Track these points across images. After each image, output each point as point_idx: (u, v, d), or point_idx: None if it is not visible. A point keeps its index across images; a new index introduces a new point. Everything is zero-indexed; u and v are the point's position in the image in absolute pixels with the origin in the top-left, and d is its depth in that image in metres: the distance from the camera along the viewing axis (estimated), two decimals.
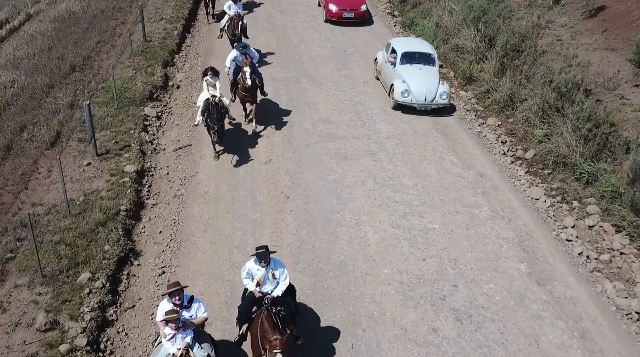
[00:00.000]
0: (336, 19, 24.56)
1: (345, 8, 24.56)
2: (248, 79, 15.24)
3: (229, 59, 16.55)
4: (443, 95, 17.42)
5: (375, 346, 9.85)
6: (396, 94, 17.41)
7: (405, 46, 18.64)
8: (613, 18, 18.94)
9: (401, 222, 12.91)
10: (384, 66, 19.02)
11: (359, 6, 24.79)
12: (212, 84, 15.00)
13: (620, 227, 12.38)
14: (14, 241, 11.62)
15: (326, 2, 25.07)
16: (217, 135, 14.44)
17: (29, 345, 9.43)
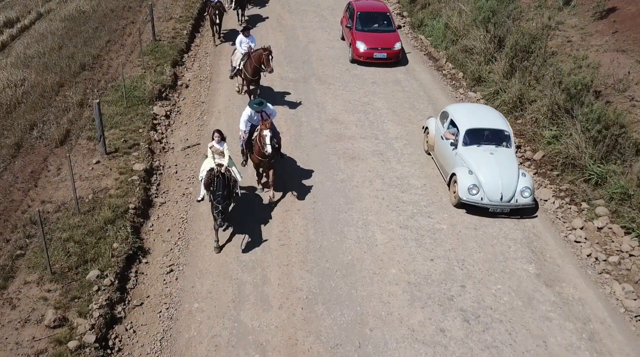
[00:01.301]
0: (365, 59, 20.65)
1: (376, 47, 20.67)
2: (268, 146, 12.42)
3: (242, 121, 13.42)
4: (525, 192, 12.91)
5: (382, 346, 9.85)
6: (461, 190, 12.94)
7: (469, 119, 14.16)
8: (624, 19, 18.85)
9: (409, 222, 12.90)
10: (438, 142, 14.69)
11: (392, 44, 20.90)
12: (218, 152, 12.34)
13: (629, 229, 12.31)
14: (23, 238, 11.71)
15: (352, 38, 21.12)
16: (220, 217, 11.26)
17: (38, 341, 9.49)
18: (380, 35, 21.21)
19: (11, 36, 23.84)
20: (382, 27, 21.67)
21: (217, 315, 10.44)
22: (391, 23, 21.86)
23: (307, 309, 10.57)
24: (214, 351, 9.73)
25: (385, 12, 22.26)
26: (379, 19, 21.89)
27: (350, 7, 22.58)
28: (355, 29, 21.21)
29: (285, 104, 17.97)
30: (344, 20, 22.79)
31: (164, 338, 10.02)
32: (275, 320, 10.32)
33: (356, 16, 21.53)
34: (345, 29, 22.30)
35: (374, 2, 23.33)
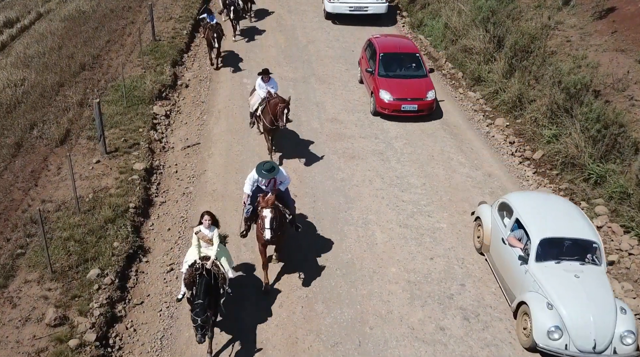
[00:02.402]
0: (390, 112, 17.02)
1: (404, 97, 16.98)
2: (267, 231, 10.09)
3: (247, 185, 11.05)
4: (628, 337, 9.38)
5: (382, 344, 9.87)
6: (537, 332, 9.46)
7: (542, 222, 10.42)
8: (623, 19, 18.89)
9: (409, 221, 12.93)
10: (498, 246, 11.09)
11: (424, 93, 17.14)
12: (206, 239, 9.81)
13: (628, 228, 12.34)
14: (24, 237, 11.74)
15: (374, 86, 17.40)
16: (200, 333, 8.89)
17: (38, 340, 9.51)
18: (408, 82, 17.62)
19: (11, 36, 23.87)
20: (410, 71, 18.11)
21: None
22: (422, 66, 18.21)
23: (307, 308, 10.60)
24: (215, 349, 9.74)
25: (414, 52, 18.56)
26: (406, 61, 18.30)
27: (370, 46, 18.98)
28: (378, 74, 17.61)
29: None
30: (363, 61, 19.19)
31: (165, 337, 10.05)
32: (275, 318, 10.35)
33: (379, 58, 17.94)
34: (365, 74, 18.59)
35: (399, 39, 20.22)
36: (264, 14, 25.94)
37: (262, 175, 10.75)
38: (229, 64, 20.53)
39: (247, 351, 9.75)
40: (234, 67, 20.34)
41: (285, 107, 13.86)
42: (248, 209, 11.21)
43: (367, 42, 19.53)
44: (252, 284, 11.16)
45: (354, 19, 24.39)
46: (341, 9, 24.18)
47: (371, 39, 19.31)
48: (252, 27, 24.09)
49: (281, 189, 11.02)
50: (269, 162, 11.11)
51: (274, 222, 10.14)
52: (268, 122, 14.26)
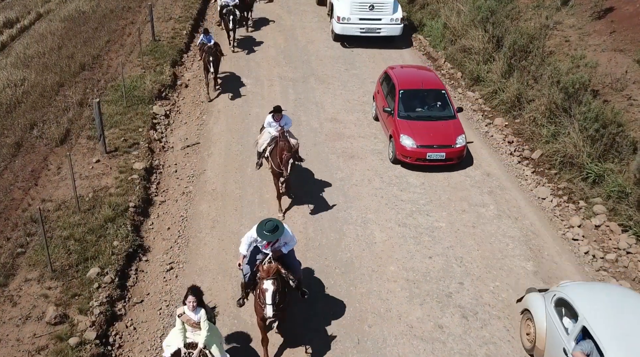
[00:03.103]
0: (414, 161, 14.58)
1: (430, 144, 14.56)
2: (268, 307, 8.64)
3: (244, 245, 9.50)
4: None
5: (381, 342, 9.92)
6: None
7: (621, 336, 7.90)
8: (622, 19, 18.93)
9: (408, 220, 12.97)
10: (555, 355, 8.83)
11: (452, 138, 14.74)
12: (192, 323, 8.33)
13: (626, 227, 12.39)
14: (24, 236, 11.77)
15: (394, 129, 15.05)
16: None
17: (39, 338, 9.55)
18: (434, 125, 15.10)
19: (11, 36, 23.90)
20: (436, 111, 15.65)
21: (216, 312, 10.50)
22: (448, 105, 15.70)
23: (306, 307, 10.62)
24: None
25: (440, 88, 15.99)
26: (430, 99, 15.84)
27: (387, 80, 16.54)
28: (399, 115, 15.20)
29: (285, 104, 18.02)
30: (378, 97, 16.76)
31: (164, 335, 10.01)
32: None
33: (398, 96, 15.51)
34: (382, 113, 16.17)
35: (420, 71, 17.51)
36: (263, 15, 25.97)
37: (263, 237, 9.03)
38: (229, 63, 20.57)
39: (246, 349, 9.79)
40: (234, 67, 20.38)
41: (290, 157, 12.01)
42: (246, 274, 9.54)
43: (383, 74, 16.99)
44: None
45: (365, 41, 22.44)
46: (351, 30, 22.05)
47: (388, 71, 16.82)
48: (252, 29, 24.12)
49: (284, 251, 9.40)
50: (272, 220, 9.13)
51: (276, 296, 8.61)
52: (276, 165, 12.48)
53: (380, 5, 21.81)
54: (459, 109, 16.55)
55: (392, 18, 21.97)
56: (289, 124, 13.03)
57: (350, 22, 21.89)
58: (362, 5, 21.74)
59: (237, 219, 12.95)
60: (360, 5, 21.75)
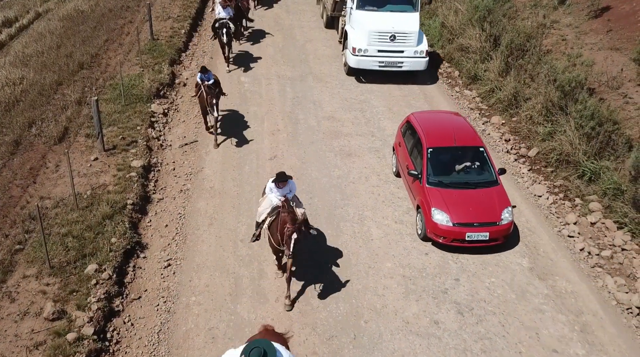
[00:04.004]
0: (449, 241, 11.89)
1: (469, 222, 11.85)
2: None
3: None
4: None
5: (377, 338, 9.98)
6: None
7: None
8: (618, 18, 19.01)
9: (404, 217, 13.03)
10: None
11: (497, 213, 11.96)
12: None
13: (622, 224, 12.46)
14: (22, 233, 11.82)
15: (423, 200, 12.30)
16: None
17: (37, 334, 9.60)
18: (473, 194, 12.29)
19: (10, 35, 23.95)
20: (473, 175, 12.77)
21: (214, 308, 10.57)
22: (488, 166, 12.85)
23: (303, 302, 10.71)
24: (211, 343, 9.86)
25: (478, 145, 13.05)
26: (465, 158, 12.88)
27: (411, 131, 13.75)
28: (428, 181, 12.43)
29: (283, 102, 18.10)
30: (400, 151, 14.00)
31: (162, 331, 10.15)
32: (271, 313, 10.45)
33: (426, 156, 12.67)
34: (406, 175, 13.44)
35: (450, 119, 14.43)
36: (262, 14, 26.02)
37: None
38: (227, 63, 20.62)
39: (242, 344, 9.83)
40: (232, 65, 20.43)
41: (294, 231, 9.89)
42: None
43: (405, 122, 14.30)
44: (248, 275, 11.26)
45: (384, 76, 19.69)
46: (368, 64, 19.02)
47: (411, 119, 14.04)
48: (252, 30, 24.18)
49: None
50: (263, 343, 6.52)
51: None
52: (275, 241, 10.52)
53: (403, 36, 18.81)
54: (501, 170, 12.88)
55: (417, 50, 18.96)
56: (293, 191, 11.09)
57: (368, 54, 18.90)
58: (382, 35, 18.76)
59: (235, 216, 13.01)
60: (379, 36, 18.76)
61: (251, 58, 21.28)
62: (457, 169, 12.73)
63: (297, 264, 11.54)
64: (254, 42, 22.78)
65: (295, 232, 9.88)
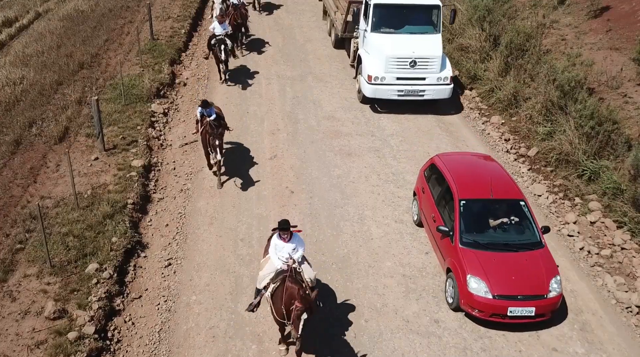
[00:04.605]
0: (487, 316, 10.13)
1: (512, 294, 10.02)
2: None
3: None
4: None
5: (377, 336, 10.01)
6: None
7: None
8: (617, 18, 19.04)
9: (404, 216, 13.06)
10: None
11: (545, 283, 10.15)
12: None
13: (621, 223, 12.49)
14: (23, 233, 11.85)
15: (456, 263, 10.48)
16: None
17: (38, 332, 9.63)
18: (514, 258, 10.43)
19: (10, 35, 23.95)
20: (513, 234, 10.88)
21: (214, 307, 10.59)
22: (531, 223, 10.97)
23: None
24: (212, 342, 9.88)
25: (518, 197, 11.22)
26: (503, 213, 11.01)
27: (437, 176, 12.02)
28: (461, 241, 10.58)
29: (283, 102, 18.13)
30: (424, 198, 12.29)
31: (162, 330, 10.17)
32: None
33: (459, 210, 10.85)
34: (433, 232, 11.53)
35: (483, 163, 12.64)
36: (262, 14, 26.03)
37: None
38: None
39: (244, 343, 9.88)
40: (232, 65, 20.44)
41: (304, 310, 8.27)
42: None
43: (429, 164, 12.53)
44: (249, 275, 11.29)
45: (403, 105, 17.63)
46: (386, 93, 17.03)
47: (437, 163, 12.22)
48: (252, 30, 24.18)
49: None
50: None
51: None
52: (278, 314, 8.96)
53: (425, 61, 16.92)
54: (544, 229, 10.93)
55: (440, 77, 17.03)
56: (301, 250, 9.50)
57: (386, 82, 16.94)
58: (401, 61, 16.84)
59: (235, 215, 13.04)
60: (398, 62, 16.84)
61: (251, 58, 21.30)
62: (491, 225, 10.91)
63: None
64: (253, 42, 22.79)
65: (305, 311, 8.25)
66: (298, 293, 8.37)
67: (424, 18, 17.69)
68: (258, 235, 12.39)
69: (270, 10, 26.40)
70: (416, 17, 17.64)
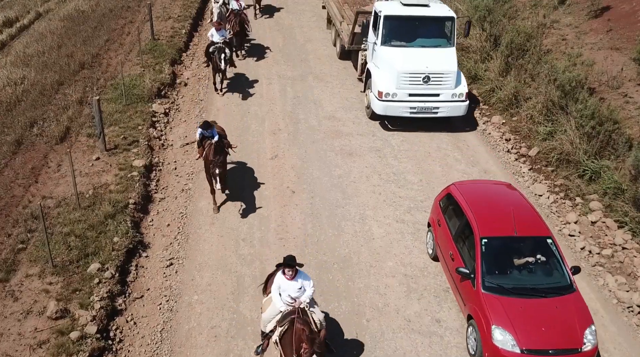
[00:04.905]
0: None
1: (543, 348, 8.96)
2: None
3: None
4: None
5: (379, 336, 10.02)
6: None
7: None
8: (618, 18, 19.06)
9: (405, 216, 13.08)
10: None
11: (578, 336, 9.10)
12: None
13: (622, 223, 12.50)
14: (25, 233, 11.86)
15: (478, 311, 9.49)
16: None
17: (40, 332, 9.65)
18: (544, 305, 9.38)
19: (10, 35, 23.96)
20: (541, 276, 9.84)
21: (216, 307, 10.61)
22: (559, 264, 9.92)
23: None
24: (214, 341, 9.90)
25: (544, 235, 10.15)
26: (528, 250, 9.99)
27: (454, 208, 11.00)
28: (484, 286, 9.53)
29: (283, 102, 18.14)
30: (440, 231, 11.28)
31: (164, 329, 10.19)
32: None
33: (480, 249, 9.76)
34: (452, 272, 10.44)
35: (504, 193, 11.44)
36: (264, 17, 26.05)
37: None
38: None
39: (245, 343, 9.89)
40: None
41: (313, 353, 7.95)
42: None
43: (445, 194, 11.55)
44: (250, 274, 11.30)
45: (415, 122, 16.71)
46: (398, 110, 16.16)
47: (454, 193, 11.19)
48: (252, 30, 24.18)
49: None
50: None
51: None
52: None
53: (439, 77, 16.06)
54: (574, 269, 9.88)
55: (455, 93, 16.25)
56: (309, 290, 8.82)
57: (397, 99, 16.09)
58: (413, 76, 15.98)
59: (236, 215, 13.05)
60: (411, 78, 15.96)
61: (252, 58, 21.30)
62: (516, 263, 9.87)
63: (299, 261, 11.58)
64: (254, 42, 22.80)
65: (315, 354, 7.93)
66: (307, 335, 7.97)
67: (438, 30, 16.81)
68: (259, 235, 12.42)
69: (270, 12, 26.39)
70: (429, 29, 16.76)
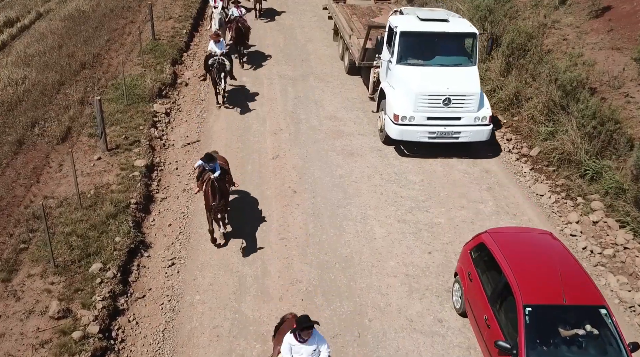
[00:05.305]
0: None
1: None
2: None
3: None
4: None
5: (381, 336, 10.02)
6: None
7: None
8: (619, 18, 19.05)
9: (407, 216, 13.08)
10: None
11: None
12: None
13: (624, 223, 12.50)
14: (26, 232, 11.86)
15: None
16: None
17: (42, 332, 9.64)
18: None
19: (11, 35, 23.97)
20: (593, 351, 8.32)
21: (218, 306, 10.61)
22: (614, 338, 8.43)
23: (307, 301, 10.75)
24: (216, 341, 9.90)
25: (598, 304, 8.62)
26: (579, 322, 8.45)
27: (490, 262, 9.52)
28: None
29: (285, 102, 18.14)
30: (469, 284, 9.92)
31: (166, 329, 10.19)
32: (275, 311, 10.46)
33: (524, 319, 8.25)
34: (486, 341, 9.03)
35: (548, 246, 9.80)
36: (263, 17, 26.05)
37: None
38: None
39: (247, 343, 9.89)
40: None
41: None
42: None
43: (476, 245, 10.09)
44: (252, 274, 11.30)
45: (433, 148, 15.45)
46: (415, 135, 14.83)
47: (489, 245, 9.66)
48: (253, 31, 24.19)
49: None
50: None
51: None
52: None
53: (461, 99, 14.71)
54: (632, 346, 8.33)
55: (477, 117, 14.90)
56: (324, 354, 8.01)
57: (415, 123, 14.77)
58: (433, 99, 14.61)
59: (238, 215, 13.04)
60: (430, 100, 14.61)
61: (252, 58, 21.30)
62: (563, 335, 8.29)
63: (298, 266, 11.61)
64: (254, 42, 22.80)
65: None
66: None
67: (458, 48, 15.63)
68: (261, 235, 12.40)
69: (271, 12, 26.39)
70: (449, 46, 15.45)
